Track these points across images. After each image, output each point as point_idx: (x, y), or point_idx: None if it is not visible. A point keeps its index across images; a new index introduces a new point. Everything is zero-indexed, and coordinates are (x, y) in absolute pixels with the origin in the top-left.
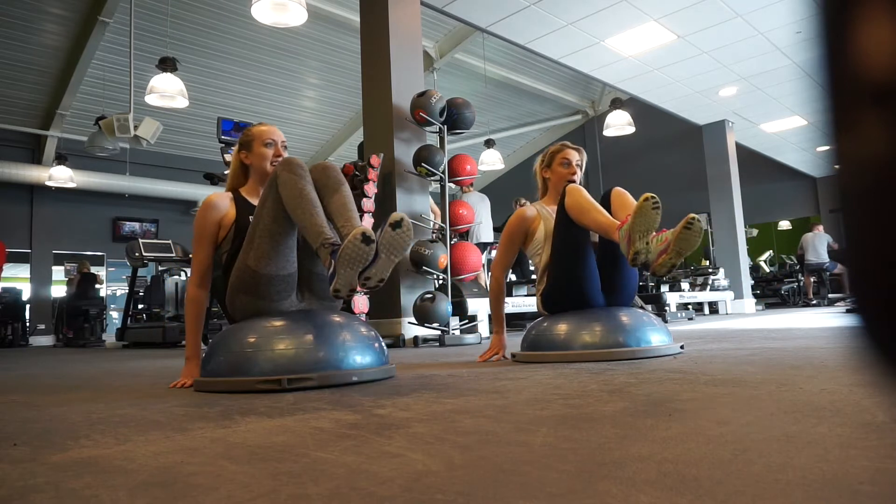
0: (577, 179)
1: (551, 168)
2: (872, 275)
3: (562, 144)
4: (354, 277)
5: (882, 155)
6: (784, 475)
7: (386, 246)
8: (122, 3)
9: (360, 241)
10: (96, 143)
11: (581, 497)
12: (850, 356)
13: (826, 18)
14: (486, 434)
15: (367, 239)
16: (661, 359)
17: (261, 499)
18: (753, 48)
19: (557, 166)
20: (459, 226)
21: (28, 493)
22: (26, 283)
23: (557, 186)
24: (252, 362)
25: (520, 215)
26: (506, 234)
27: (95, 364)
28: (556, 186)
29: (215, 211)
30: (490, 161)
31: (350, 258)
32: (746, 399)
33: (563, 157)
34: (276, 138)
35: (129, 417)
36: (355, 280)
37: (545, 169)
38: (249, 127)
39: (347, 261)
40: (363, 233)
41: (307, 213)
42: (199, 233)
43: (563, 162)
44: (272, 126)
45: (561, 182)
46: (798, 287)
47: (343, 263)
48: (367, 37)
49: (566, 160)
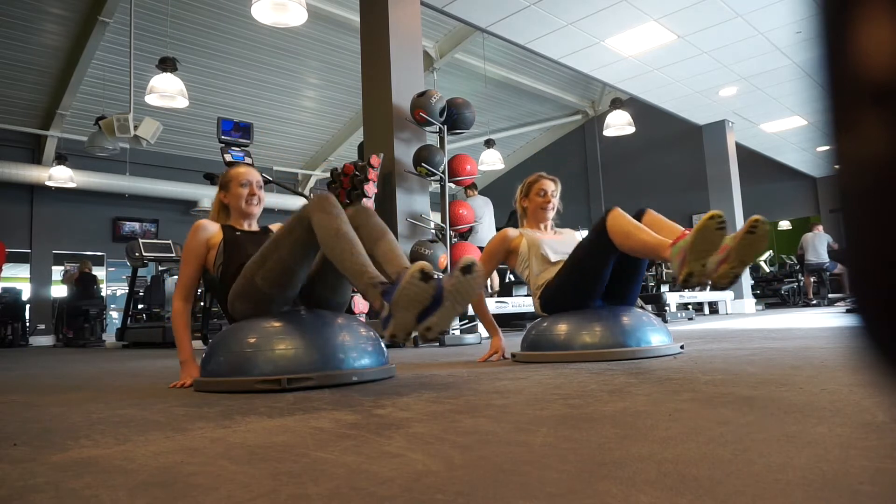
0: (551, 208)
1: (528, 197)
2: (872, 275)
3: (538, 175)
4: (413, 320)
5: (882, 155)
6: (784, 475)
7: (453, 292)
8: (122, 3)
9: (418, 278)
10: (96, 143)
11: (581, 497)
12: (850, 356)
13: (826, 18)
14: (486, 434)
15: (426, 276)
16: (661, 359)
17: (261, 499)
18: (753, 48)
19: (534, 195)
20: (459, 226)
21: (28, 493)
22: (26, 283)
23: (535, 215)
24: (252, 362)
25: (502, 235)
26: (487, 250)
27: (95, 364)
28: (533, 215)
29: (204, 232)
30: (490, 161)
31: (409, 299)
32: (746, 399)
33: (540, 188)
34: (251, 179)
35: (129, 417)
36: (413, 323)
37: (523, 198)
38: (227, 170)
39: (406, 302)
40: (422, 269)
41: (347, 253)
42: (188, 251)
43: (539, 192)
44: (248, 168)
45: (537, 210)
46: (798, 287)
47: (400, 305)
48: (367, 37)
49: (542, 190)
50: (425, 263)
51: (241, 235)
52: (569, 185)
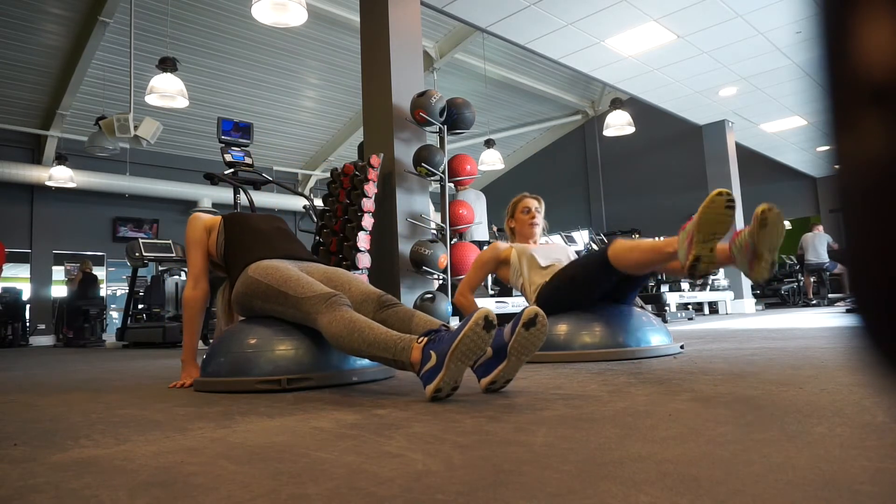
0: (537, 223)
1: (514, 217)
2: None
3: (521, 195)
4: (462, 373)
5: (882, 155)
6: (784, 475)
7: (517, 348)
8: (122, 3)
9: (482, 325)
10: (96, 143)
11: (581, 497)
12: (850, 356)
13: (826, 18)
14: (486, 434)
15: (489, 324)
16: (661, 359)
17: (261, 499)
18: (753, 48)
19: (519, 213)
20: (459, 226)
21: (28, 493)
22: (26, 283)
23: (522, 232)
24: (252, 363)
25: (493, 247)
26: (477, 261)
27: (95, 364)
28: (520, 233)
29: (200, 219)
30: (490, 161)
31: (468, 348)
32: (746, 399)
33: (524, 206)
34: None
35: (129, 417)
36: (462, 376)
37: (509, 219)
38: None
39: (465, 350)
40: (486, 316)
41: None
42: (190, 239)
43: (523, 210)
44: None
45: (524, 228)
46: (798, 287)
47: (457, 355)
48: (367, 37)
49: (526, 208)
50: (489, 310)
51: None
52: (569, 185)
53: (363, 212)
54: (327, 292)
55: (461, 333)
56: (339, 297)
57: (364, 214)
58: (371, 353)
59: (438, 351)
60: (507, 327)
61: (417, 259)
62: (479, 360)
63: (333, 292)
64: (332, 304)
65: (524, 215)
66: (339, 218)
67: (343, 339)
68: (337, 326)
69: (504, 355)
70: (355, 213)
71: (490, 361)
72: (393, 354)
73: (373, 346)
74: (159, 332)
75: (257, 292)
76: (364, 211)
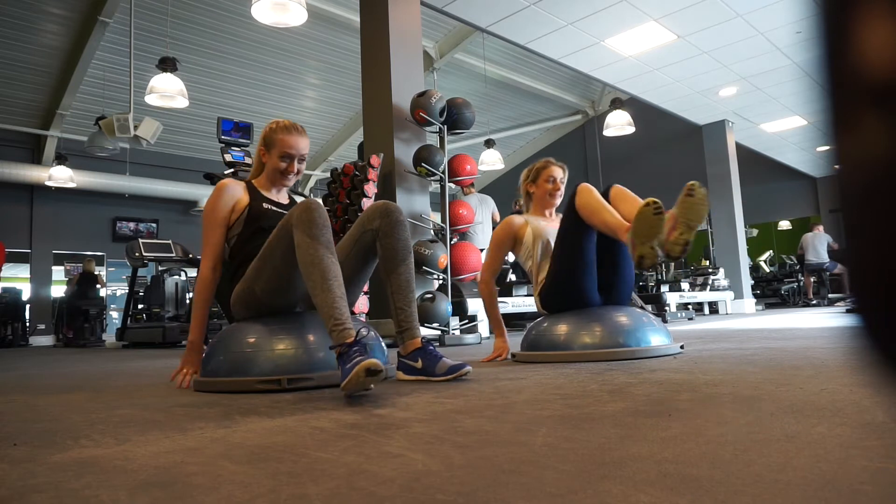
0: (559, 194)
1: (536, 183)
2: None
3: (546, 161)
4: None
5: (882, 155)
6: (784, 475)
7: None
8: (122, 3)
9: (363, 376)
10: (96, 143)
11: (581, 497)
12: (850, 356)
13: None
14: (486, 434)
15: (370, 372)
16: (661, 359)
17: (261, 499)
18: (753, 48)
19: (543, 182)
20: (459, 226)
21: (28, 493)
22: (26, 283)
23: (542, 201)
24: (252, 362)
25: (507, 223)
26: (493, 240)
27: (95, 364)
28: (540, 201)
29: (229, 195)
30: (490, 161)
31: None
32: (746, 399)
33: (549, 174)
34: (294, 152)
35: (129, 417)
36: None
37: (530, 184)
38: (276, 125)
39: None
40: (367, 368)
41: (318, 289)
42: (212, 215)
43: (548, 178)
44: (297, 135)
45: (545, 197)
46: (798, 287)
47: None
48: (367, 37)
49: (552, 177)
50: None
51: (268, 210)
52: (568, 185)
53: (363, 211)
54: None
55: (348, 377)
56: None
57: None
58: (316, 302)
59: (343, 370)
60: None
61: (417, 259)
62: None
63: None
64: (309, 225)
65: (548, 185)
66: (339, 218)
67: (301, 269)
68: (302, 256)
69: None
70: (355, 213)
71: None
72: (329, 327)
73: (316, 304)
74: (159, 332)
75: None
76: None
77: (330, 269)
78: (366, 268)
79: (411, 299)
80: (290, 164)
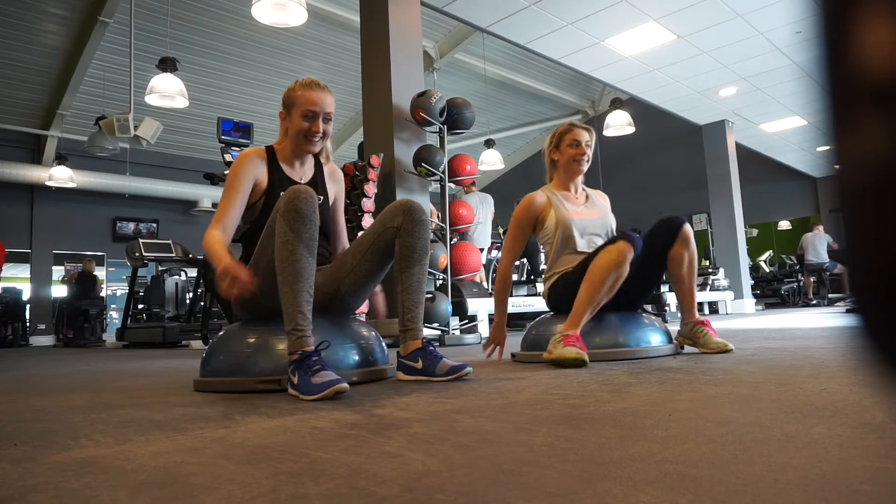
0: (586, 159)
1: (559, 149)
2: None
3: (570, 124)
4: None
5: (882, 155)
6: (784, 475)
7: None
8: (122, 3)
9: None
10: (96, 143)
11: (581, 497)
12: (850, 356)
13: (826, 18)
14: (486, 434)
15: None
16: (660, 359)
17: (261, 499)
18: (753, 48)
19: (566, 147)
20: (459, 226)
21: (28, 493)
22: (26, 283)
23: (567, 168)
24: (252, 362)
25: (529, 201)
26: (514, 221)
27: (95, 364)
28: (565, 168)
29: (252, 165)
30: (490, 161)
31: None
32: (746, 399)
33: (572, 138)
34: (318, 109)
35: (129, 417)
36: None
37: (553, 150)
38: (295, 84)
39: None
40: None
41: (287, 288)
42: (233, 183)
43: (571, 142)
44: (320, 90)
45: (570, 164)
46: (798, 287)
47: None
48: (367, 37)
49: (575, 140)
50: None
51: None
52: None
53: (363, 212)
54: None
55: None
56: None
57: (364, 214)
58: (282, 299)
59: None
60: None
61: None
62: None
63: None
64: (298, 231)
65: (572, 149)
66: None
67: (276, 257)
68: (280, 248)
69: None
70: (355, 214)
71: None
72: (288, 329)
73: (282, 301)
74: (159, 332)
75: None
76: (364, 211)
77: (304, 270)
78: (382, 267)
79: (420, 301)
80: (313, 123)
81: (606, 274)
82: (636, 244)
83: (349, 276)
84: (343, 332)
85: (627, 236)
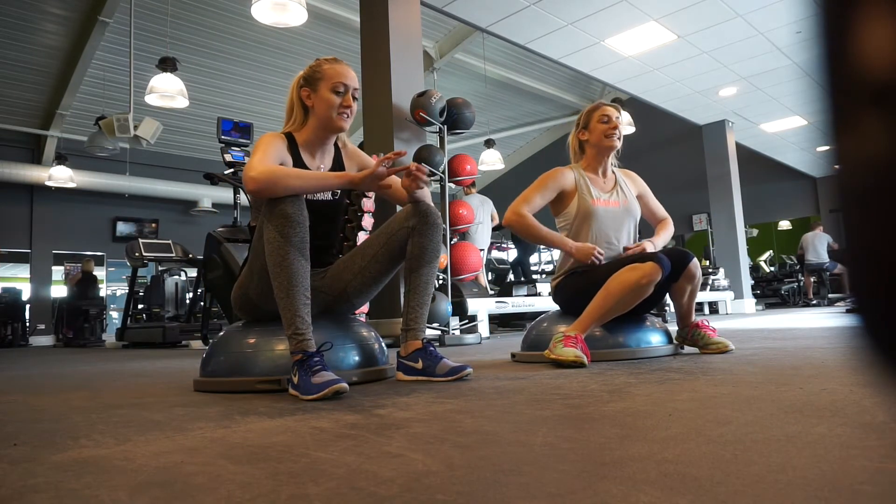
0: (617, 136)
1: (589, 128)
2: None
3: (599, 102)
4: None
5: (882, 155)
6: (784, 475)
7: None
8: (122, 3)
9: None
10: (96, 143)
11: (581, 497)
12: (850, 356)
13: (826, 18)
14: (486, 434)
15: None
16: (660, 359)
17: (260, 499)
18: (753, 48)
19: (596, 123)
20: (459, 226)
21: (28, 493)
22: (26, 283)
23: (599, 146)
24: (252, 362)
25: (558, 172)
26: (540, 181)
27: (95, 364)
28: (596, 146)
29: (283, 149)
30: (490, 161)
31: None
32: (746, 399)
33: (603, 114)
34: (349, 83)
35: (129, 417)
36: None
37: (581, 131)
38: (316, 62)
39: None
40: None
41: (283, 293)
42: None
43: (602, 118)
44: (347, 67)
45: (602, 140)
46: (798, 287)
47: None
48: (367, 37)
49: (605, 115)
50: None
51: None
52: None
53: (363, 212)
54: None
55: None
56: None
57: (364, 214)
58: (279, 305)
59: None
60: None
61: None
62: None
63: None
64: (287, 235)
65: (602, 125)
66: None
67: (268, 262)
68: (271, 253)
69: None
70: (355, 213)
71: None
72: (288, 333)
73: (279, 307)
74: (159, 332)
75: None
76: (364, 211)
77: (298, 274)
78: (392, 268)
79: (425, 302)
80: (345, 97)
81: (626, 291)
82: (664, 267)
83: (357, 278)
84: (343, 332)
85: (658, 258)
